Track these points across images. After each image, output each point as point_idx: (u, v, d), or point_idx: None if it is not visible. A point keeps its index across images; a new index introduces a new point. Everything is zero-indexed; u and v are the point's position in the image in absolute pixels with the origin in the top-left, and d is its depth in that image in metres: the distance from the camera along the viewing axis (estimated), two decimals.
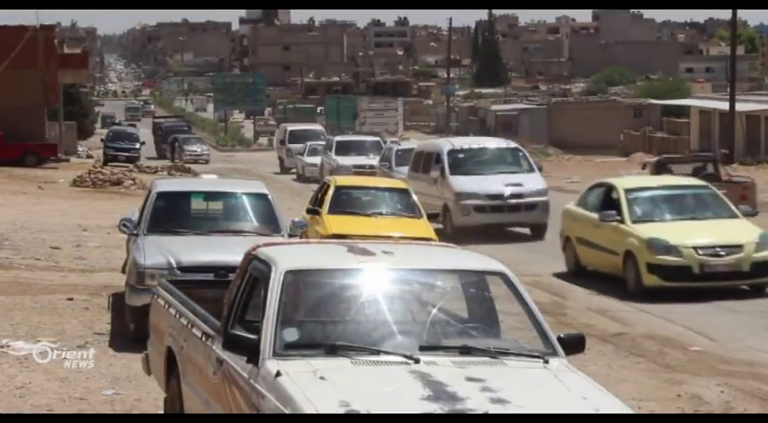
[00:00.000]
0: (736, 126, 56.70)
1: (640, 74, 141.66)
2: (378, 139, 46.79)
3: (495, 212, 26.28)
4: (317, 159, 46.71)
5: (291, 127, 61.22)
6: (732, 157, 54.31)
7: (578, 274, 20.34)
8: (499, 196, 26.30)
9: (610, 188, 20.21)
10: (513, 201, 26.33)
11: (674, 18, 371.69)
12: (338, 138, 47.33)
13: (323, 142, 49.65)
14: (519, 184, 26.55)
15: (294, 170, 52.84)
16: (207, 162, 64.92)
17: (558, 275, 20.57)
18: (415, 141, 40.79)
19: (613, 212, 19.23)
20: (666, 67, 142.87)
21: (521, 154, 28.12)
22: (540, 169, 28.64)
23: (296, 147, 54.07)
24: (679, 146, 70.46)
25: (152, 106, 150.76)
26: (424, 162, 28.38)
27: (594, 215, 19.85)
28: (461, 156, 27.46)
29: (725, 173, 29.90)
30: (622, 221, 19.00)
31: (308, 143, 51.17)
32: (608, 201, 19.86)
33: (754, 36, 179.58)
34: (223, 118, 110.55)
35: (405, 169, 31.76)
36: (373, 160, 40.36)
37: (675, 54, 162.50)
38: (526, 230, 27.02)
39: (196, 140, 72.04)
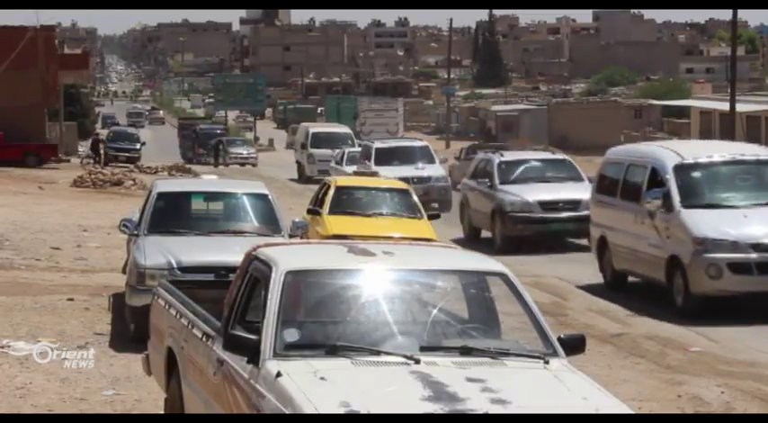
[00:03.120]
0: (737, 127, 56.64)
1: (641, 74, 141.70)
2: (426, 144, 38.09)
3: (766, 274, 16.18)
4: None
5: (315, 128, 52.43)
6: None
7: None
8: None
9: None
10: None
11: (675, 18, 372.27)
12: (378, 144, 37.70)
13: (355, 148, 42.46)
14: None
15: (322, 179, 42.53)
16: (255, 165, 61.38)
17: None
18: (518, 150, 34.08)
19: None
20: (667, 68, 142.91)
21: None
22: None
23: (319, 152, 47.16)
24: None
25: (161, 112, 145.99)
26: (626, 183, 18.73)
27: None
28: (698, 175, 17.54)
29: None
30: None
31: (346, 150, 42.02)
32: None
33: (755, 36, 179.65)
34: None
35: (514, 188, 25.04)
36: (423, 170, 33.65)
37: (676, 54, 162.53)
38: None
39: (242, 143, 69.00)
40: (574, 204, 24.01)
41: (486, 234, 25.94)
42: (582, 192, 23.82)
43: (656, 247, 17.24)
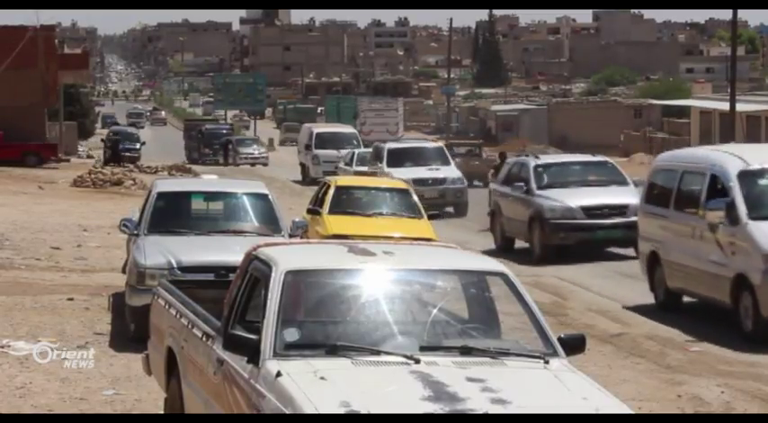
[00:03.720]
0: (737, 126, 56.64)
1: (641, 74, 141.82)
2: (440, 144, 37.27)
3: None
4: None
5: (318, 129, 51.24)
6: None
7: None
8: None
9: None
10: None
11: (675, 18, 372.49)
12: (390, 144, 36.73)
13: (364, 149, 42.05)
14: None
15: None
16: (266, 165, 60.33)
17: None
18: (553, 153, 32.85)
19: None
20: (667, 68, 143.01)
21: None
22: None
23: (324, 153, 46.64)
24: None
25: (162, 113, 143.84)
26: (681, 192, 16.85)
27: None
28: (767, 182, 15.68)
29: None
30: None
31: (356, 151, 41.67)
32: None
33: (755, 36, 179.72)
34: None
35: (553, 193, 23.01)
36: (437, 172, 32.93)
37: (676, 54, 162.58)
38: None
39: (252, 142, 67.96)
40: (620, 209, 22.25)
41: (520, 244, 24.09)
42: (628, 196, 22.38)
43: (719, 265, 15.23)
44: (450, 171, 33.40)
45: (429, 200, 30.04)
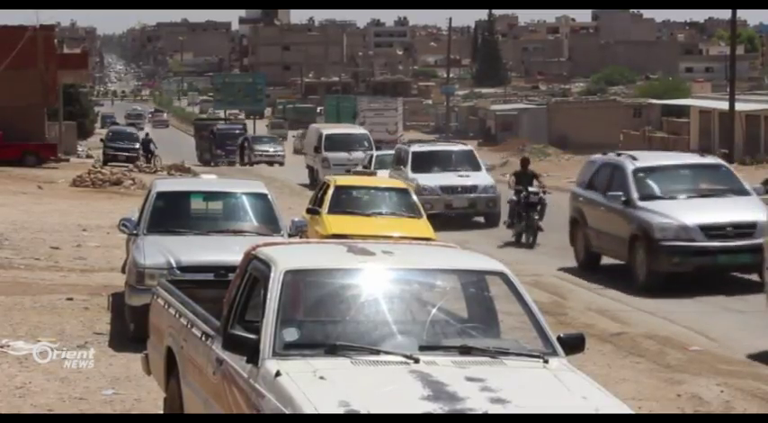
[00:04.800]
0: (736, 126, 56.75)
1: (640, 74, 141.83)
2: (470, 148, 33.35)
3: None
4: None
5: (328, 130, 47.31)
6: (732, 156, 54.42)
7: None
8: None
9: None
10: None
11: (674, 18, 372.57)
12: (415, 148, 32.34)
13: (383, 151, 39.35)
14: None
15: None
16: (282, 164, 58.07)
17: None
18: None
19: None
20: (666, 67, 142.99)
21: None
22: None
23: (334, 155, 43.70)
24: (679, 145, 70.52)
25: (165, 115, 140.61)
26: None
27: None
28: None
29: None
30: None
31: (374, 153, 38.92)
32: None
33: (754, 36, 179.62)
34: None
35: (661, 206, 18.95)
36: (467, 179, 29.79)
37: (675, 54, 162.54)
38: None
39: (268, 140, 66.28)
40: (748, 229, 18.16)
41: (607, 261, 20.76)
42: (755, 211, 18.46)
43: None
44: (482, 178, 30.12)
45: (457, 209, 29.04)
